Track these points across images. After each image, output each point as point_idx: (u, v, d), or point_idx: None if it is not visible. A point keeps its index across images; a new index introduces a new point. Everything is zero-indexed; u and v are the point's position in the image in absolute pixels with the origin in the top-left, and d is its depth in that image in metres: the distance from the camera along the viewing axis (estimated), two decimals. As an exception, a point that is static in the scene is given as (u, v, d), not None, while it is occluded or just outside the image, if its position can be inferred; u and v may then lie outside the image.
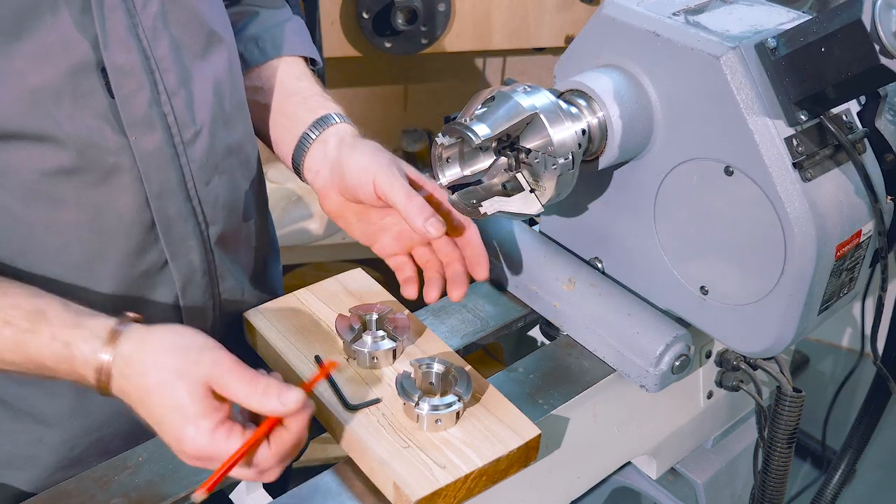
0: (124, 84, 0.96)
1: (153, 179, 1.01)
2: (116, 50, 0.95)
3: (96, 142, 0.96)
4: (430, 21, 2.29)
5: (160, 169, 1.01)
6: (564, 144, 0.94)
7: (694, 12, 1.00)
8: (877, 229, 0.99)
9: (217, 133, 1.07)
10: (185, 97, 1.02)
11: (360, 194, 1.05)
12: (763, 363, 1.11)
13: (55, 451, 1.08)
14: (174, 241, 1.05)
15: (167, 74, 1.00)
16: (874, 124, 0.99)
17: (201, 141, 1.04)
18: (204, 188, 1.06)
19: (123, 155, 0.98)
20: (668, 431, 1.22)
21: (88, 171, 0.97)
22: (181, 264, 1.07)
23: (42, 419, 1.06)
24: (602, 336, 1.08)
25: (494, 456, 0.92)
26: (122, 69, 0.96)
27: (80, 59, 0.93)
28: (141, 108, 0.98)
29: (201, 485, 0.83)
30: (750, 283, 0.98)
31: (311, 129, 1.13)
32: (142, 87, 0.98)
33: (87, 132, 0.95)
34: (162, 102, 1.00)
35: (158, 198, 1.02)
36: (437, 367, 0.98)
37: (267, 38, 1.21)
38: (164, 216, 1.03)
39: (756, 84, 0.92)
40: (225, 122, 1.09)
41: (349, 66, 2.59)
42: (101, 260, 1.01)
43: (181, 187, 1.03)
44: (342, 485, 0.96)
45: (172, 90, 1.00)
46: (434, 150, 1.00)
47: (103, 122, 0.96)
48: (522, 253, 1.18)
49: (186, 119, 1.02)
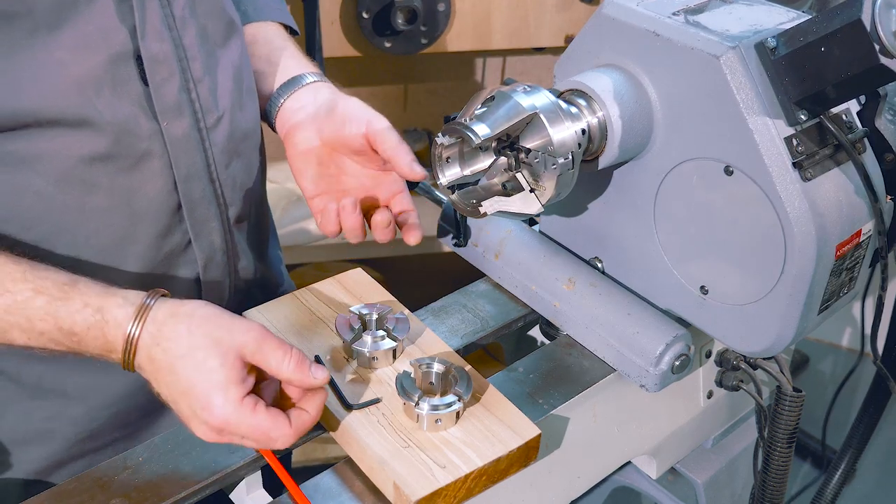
0: (158, 72, 0.99)
1: (181, 164, 1.04)
2: (152, 39, 0.98)
3: (131, 128, 0.99)
4: (430, 21, 2.29)
5: (188, 153, 1.04)
6: (564, 144, 0.94)
7: (694, 12, 1.00)
8: (877, 229, 0.99)
9: (236, 118, 1.11)
10: (210, 84, 1.06)
11: (346, 130, 1.09)
12: (763, 363, 1.11)
13: (75, 423, 1.10)
14: (198, 223, 1.08)
15: (194, 62, 1.03)
16: (874, 124, 0.99)
17: (223, 126, 1.08)
18: (224, 171, 1.10)
19: (155, 141, 1.01)
20: (668, 431, 1.22)
21: (122, 157, 1.00)
22: (203, 244, 1.10)
23: (63, 393, 1.08)
24: (602, 336, 1.08)
25: (494, 456, 0.92)
26: (156, 58, 0.99)
27: (119, 48, 0.96)
28: (172, 95, 1.01)
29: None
30: (750, 282, 0.98)
31: (308, 74, 1.18)
32: (173, 75, 1.01)
33: (123, 119, 0.98)
34: (189, 89, 1.03)
35: (185, 181, 1.05)
36: (437, 367, 0.98)
37: (248, 2, 1.24)
38: (189, 199, 1.06)
39: (756, 84, 0.92)
40: (241, 107, 1.12)
41: (349, 66, 2.59)
42: (130, 242, 1.04)
43: (205, 171, 1.07)
44: (342, 485, 0.96)
45: (198, 77, 1.04)
46: (434, 150, 1.00)
47: (138, 109, 0.99)
48: (522, 253, 1.18)
49: (210, 105, 1.06)
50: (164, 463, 0.95)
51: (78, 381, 1.08)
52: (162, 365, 0.87)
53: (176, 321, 0.87)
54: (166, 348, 0.86)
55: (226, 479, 0.95)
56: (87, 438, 1.11)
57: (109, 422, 1.12)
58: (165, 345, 0.86)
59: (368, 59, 2.49)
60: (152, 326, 0.87)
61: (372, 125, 1.07)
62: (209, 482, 0.93)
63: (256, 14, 1.24)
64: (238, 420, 0.85)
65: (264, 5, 1.26)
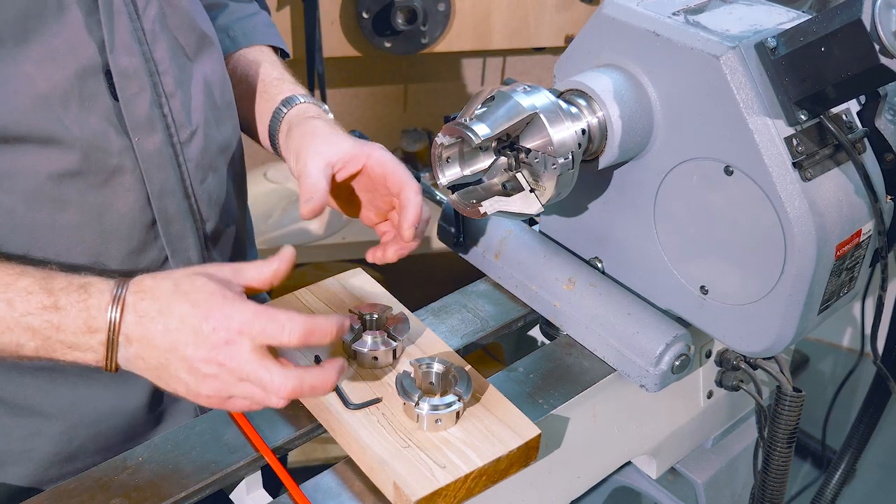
0: (128, 87, 0.98)
1: (154, 179, 1.02)
2: (121, 53, 0.96)
3: (101, 144, 0.97)
4: (431, 21, 2.29)
5: (160, 169, 1.02)
6: (564, 144, 0.94)
7: (694, 12, 1.00)
8: (877, 229, 0.99)
9: (210, 133, 1.09)
10: (182, 98, 1.04)
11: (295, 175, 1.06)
12: (763, 363, 1.11)
13: (53, 442, 1.08)
14: (174, 239, 1.07)
15: (165, 76, 1.02)
16: (874, 124, 0.99)
17: (196, 141, 1.06)
18: (199, 186, 1.08)
19: (126, 156, 0.99)
20: (668, 431, 1.22)
21: (93, 173, 0.98)
22: (180, 261, 1.09)
23: (40, 411, 1.07)
24: (602, 336, 1.08)
25: (494, 456, 0.92)
26: (126, 72, 0.97)
27: (87, 62, 0.94)
28: (143, 110, 0.99)
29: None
30: (750, 282, 0.98)
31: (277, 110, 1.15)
32: (143, 90, 0.99)
33: (92, 135, 0.96)
34: (161, 104, 1.01)
35: (159, 197, 1.03)
36: (437, 367, 0.99)
37: (237, 28, 1.24)
38: (164, 215, 1.05)
39: (756, 84, 0.92)
40: (217, 121, 1.11)
41: (349, 66, 2.59)
42: (104, 259, 1.02)
43: (179, 186, 1.05)
44: (342, 485, 0.96)
45: (170, 92, 1.02)
46: (434, 150, 1.00)
47: (108, 125, 0.97)
48: (522, 253, 1.18)
49: (183, 119, 1.04)
50: (164, 463, 0.95)
51: (57, 399, 1.07)
52: (151, 312, 0.85)
53: (160, 278, 0.87)
54: (155, 296, 0.85)
55: (226, 479, 0.95)
56: (65, 460, 1.09)
57: (89, 443, 1.10)
58: (153, 293, 0.85)
59: (368, 59, 2.49)
60: (135, 287, 0.86)
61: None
62: (209, 482, 0.93)
63: (246, 40, 1.24)
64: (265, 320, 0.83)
65: (256, 30, 1.26)
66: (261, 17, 1.29)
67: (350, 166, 1.05)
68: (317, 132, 1.07)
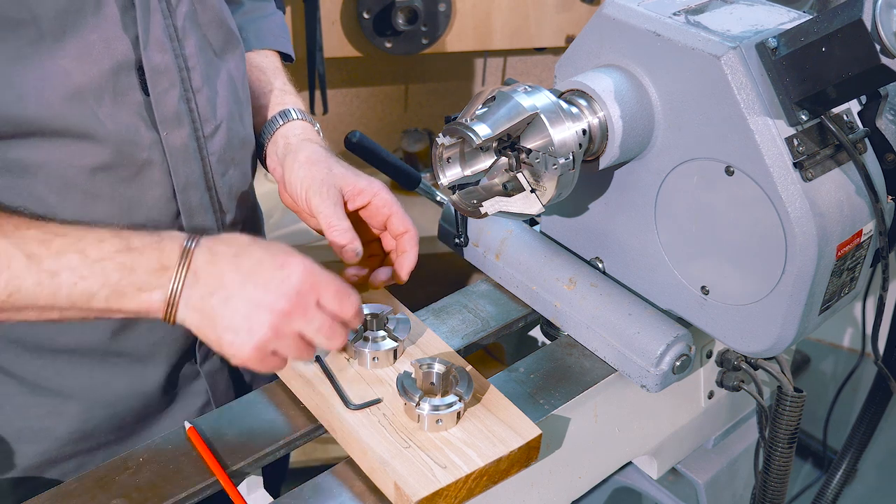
0: (159, 82, 1.00)
1: (180, 173, 1.05)
2: (154, 50, 0.99)
3: (132, 138, 0.99)
4: (431, 21, 2.29)
5: (186, 162, 1.05)
6: (565, 144, 0.94)
7: (694, 12, 1.00)
8: (877, 229, 0.99)
9: (233, 127, 1.12)
10: (208, 94, 1.06)
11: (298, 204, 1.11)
12: (764, 363, 1.11)
13: (71, 421, 1.10)
14: (196, 230, 1.09)
15: (193, 72, 1.04)
16: (875, 124, 0.99)
17: (220, 135, 1.09)
18: (220, 179, 1.11)
19: (155, 150, 1.02)
20: (669, 431, 1.22)
21: (124, 167, 1.00)
22: None
23: (60, 391, 1.09)
24: (603, 336, 1.08)
25: (495, 456, 0.92)
26: (158, 68, 1.00)
27: (121, 58, 0.97)
28: (172, 105, 1.02)
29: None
30: (751, 282, 0.98)
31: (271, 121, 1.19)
32: (173, 85, 1.02)
33: (124, 129, 0.98)
34: (188, 99, 1.04)
35: (184, 190, 1.06)
36: (438, 367, 0.98)
37: (251, 29, 1.26)
38: (188, 207, 1.07)
39: (757, 84, 0.92)
40: (239, 116, 1.13)
41: (349, 66, 2.59)
42: None
43: (202, 179, 1.08)
44: (342, 485, 0.96)
45: (197, 87, 1.05)
46: (435, 151, 1.00)
47: (138, 119, 1.00)
48: (523, 253, 1.18)
49: (208, 114, 1.07)
50: (164, 463, 0.95)
51: (76, 381, 1.09)
52: (227, 254, 0.88)
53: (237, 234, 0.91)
54: (231, 242, 0.89)
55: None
56: (80, 438, 1.12)
57: (105, 423, 1.12)
58: (230, 241, 0.89)
59: (369, 60, 2.49)
60: (207, 239, 0.89)
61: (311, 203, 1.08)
62: (209, 482, 0.93)
63: (257, 42, 1.26)
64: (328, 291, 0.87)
65: (266, 34, 1.28)
66: (275, 19, 1.31)
67: (357, 201, 1.09)
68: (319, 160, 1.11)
